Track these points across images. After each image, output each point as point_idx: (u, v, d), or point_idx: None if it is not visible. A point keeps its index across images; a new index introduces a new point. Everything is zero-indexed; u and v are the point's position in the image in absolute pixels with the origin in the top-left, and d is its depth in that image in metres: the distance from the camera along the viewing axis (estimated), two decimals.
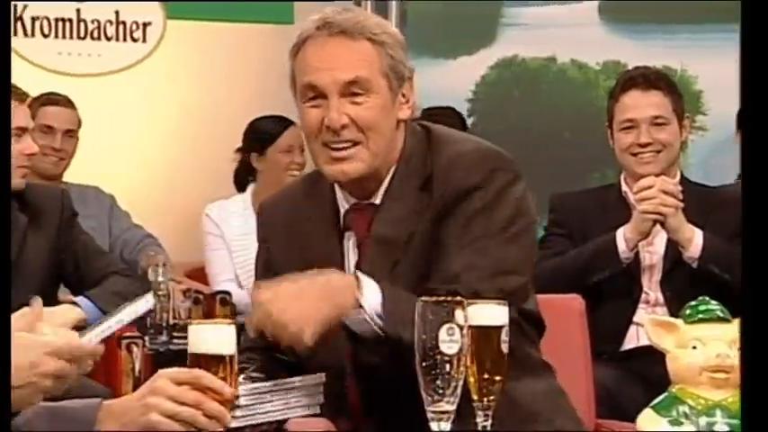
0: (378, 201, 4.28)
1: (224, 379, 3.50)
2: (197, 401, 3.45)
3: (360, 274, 3.98)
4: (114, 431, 3.50)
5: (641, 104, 6.05)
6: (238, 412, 3.94)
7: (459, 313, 3.40)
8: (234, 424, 3.89)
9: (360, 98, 4.13)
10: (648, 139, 5.99)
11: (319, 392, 3.93)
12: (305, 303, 3.87)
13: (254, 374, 4.16)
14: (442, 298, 3.40)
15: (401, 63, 4.16)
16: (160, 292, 6.73)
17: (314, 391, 3.91)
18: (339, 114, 4.11)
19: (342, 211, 4.33)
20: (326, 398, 4.00)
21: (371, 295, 3.92)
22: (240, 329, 5.67)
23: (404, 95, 4.19)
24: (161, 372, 3.56)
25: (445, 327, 3.42)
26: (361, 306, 3.91)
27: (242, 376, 4.06)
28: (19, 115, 5.94)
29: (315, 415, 4.02)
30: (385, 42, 4.14)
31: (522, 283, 4.12)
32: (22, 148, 5.91)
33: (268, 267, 4.46)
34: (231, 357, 3.59)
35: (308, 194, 4.45)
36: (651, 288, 5.99)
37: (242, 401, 3.97)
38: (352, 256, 4.32)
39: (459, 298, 3.41)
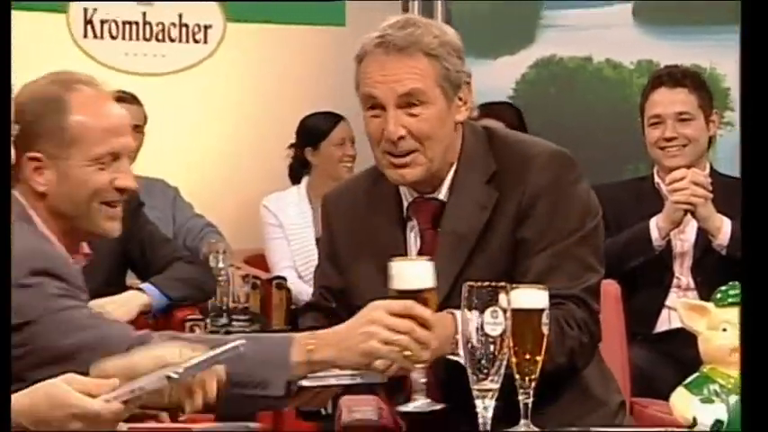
0: (442, 196, 4.27)
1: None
2: (410, 329, 3.59)
3: (453, 311, 3.84)
4: (331, 357, 3.65)
5: (667, 101, 6.08)
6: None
7: (502, 297, 3.43)
8: (306, 383, 3.92)
9: (416, 109, 4.11)
10: (674, 133, 6.02)
11: None
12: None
13: None
14: (486, 283, 3.44)
15: (457, 71, 4.14)
16: (220, 278, 6.76)
17: None
18: (396, 127, 4.10)
19: (405, 203, 4.32)
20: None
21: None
22: (297, 312, 5.69)
23: (461, 99, 4.17)
24: (376, 303, 3.70)
25: (489, 310, 3.44)
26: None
27: None
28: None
29: (374, 385, 4.09)
30: (440, 55, 4.11)
31: (600, 279, 4.18)
32: None
33: (332, 256, 4.46)
34: (431, 290, 3.75)
35: (371, 187, 4.42)
36: (683, 274, 6.00)
37: None
38: (414, 245, 4.31)
39: (502, 283, 3.45)
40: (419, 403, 3.78)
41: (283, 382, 3.62)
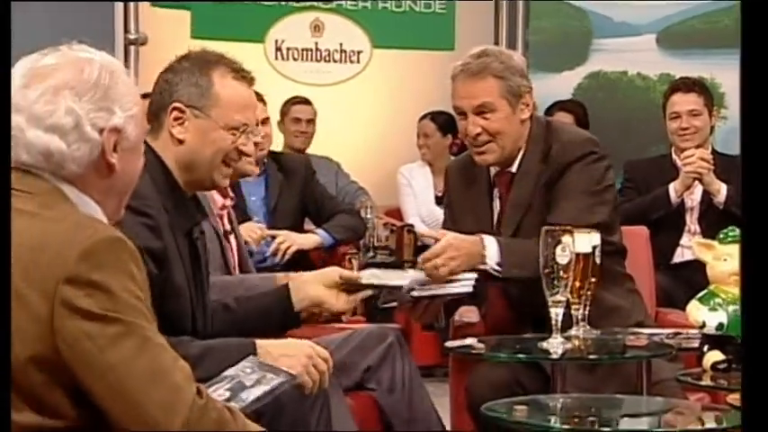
0: (513, 169, 4.34)
1: None
2: None
3: (483, 236, 4.11)
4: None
5: (683, 102, 6.15)
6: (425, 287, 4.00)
7: (567, 237, 3.51)
8: (416, 294, 3.92)
9: (487, 115, 4.24)
10: (687, 125, 6.09)
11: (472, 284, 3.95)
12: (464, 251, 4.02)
13: None
14: (557, 227, 3.57)
15: (518, 86, 4.26)
16: (368, 225, 6.78)
17: (468, 283, 3.91)
18: (474, 127, 4.25)
19: (491, 175, 4.40)
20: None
21: (491, 249, 4.06)
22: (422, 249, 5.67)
23: (524, 103, 4.27)
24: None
25: (559, 246, 3.45)
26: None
27: None
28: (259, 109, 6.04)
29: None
30: (504, 76, 4.25)
31: (609, 216, 4.19)
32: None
33: (450, 212, 4.61)
34: None
35: (472, 163, 4.45)
36: (692, 222, 6.10)
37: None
38: (496, 205, 4.40)
39: (568, 227, 3.58)
40: (468, 342, 3.79)
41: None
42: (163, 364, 2.27)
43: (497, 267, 4.00)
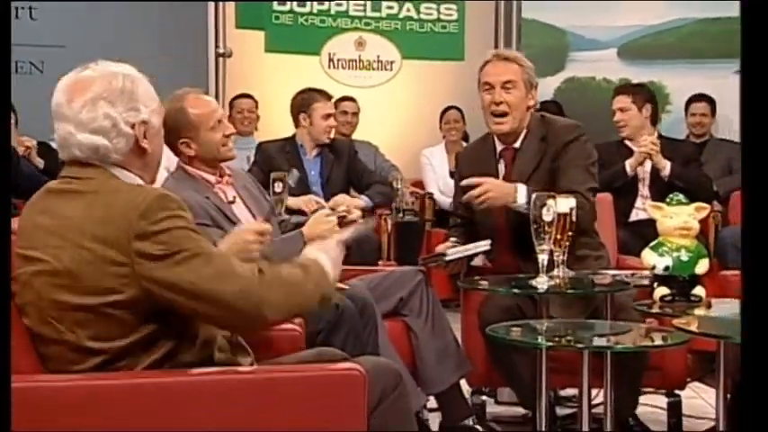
0: (518, 145, 4.29)
1: None
2: None
3: (517, 183, 4.10)
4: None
5: (616, 102, 6.16)
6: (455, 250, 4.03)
7: (551, 200, 3.50)
8: (449, 258, 3.92)
9: (510, 90, 4.21)
10: (618, 118, 6.12)
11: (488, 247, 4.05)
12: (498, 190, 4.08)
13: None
14: (543, 193, 3.58)
15: (532, 77, 4.29)
16: (399, 192, 6.77)
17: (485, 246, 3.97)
18: (499, 97, 4.21)
19: (498, 150, 4.32)
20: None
21: (522, 192, 4.02)
22: (443, 214, 5.60)
23: (531, 94, 4.28)
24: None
25: (544, 207, 3.46)
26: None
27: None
28: (327, 106, 6.07)
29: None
30: (524, 65, 4.27)
31: (596, 186, 4.26)
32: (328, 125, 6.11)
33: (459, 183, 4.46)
34: None
35: (481, 144, 4.46)
36: (644, 189, 5.98)
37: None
38: (500, 175, 4.32)
39: (552, 192, 3.60)
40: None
41: None
42: (226, 266, 2.38)
43: (525, 206, 3.91)
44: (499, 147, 4.35)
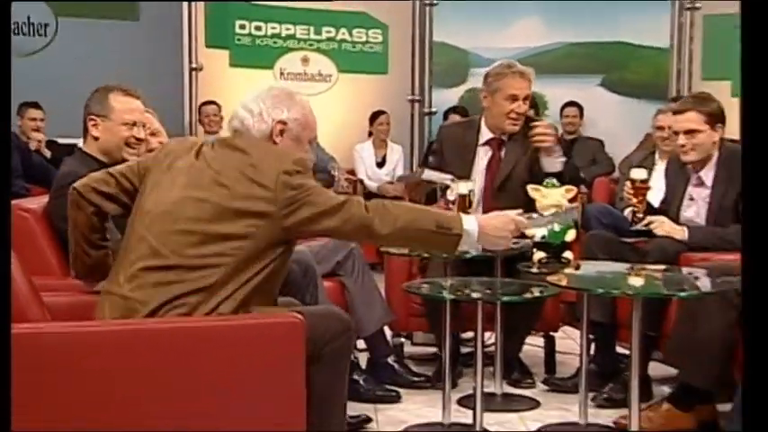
0: (505, 138, 4.23)
1: None
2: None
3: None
4: None
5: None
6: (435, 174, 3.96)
7: (454, 183, 3.46)
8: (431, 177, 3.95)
9: (525, 102, 4.16)
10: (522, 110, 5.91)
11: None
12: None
13: None
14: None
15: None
16: (336, 179, 6.75)
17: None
18: (521, 108, 4.14)
19: (483, 139, 4.24)
20: None
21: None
22: (371, 195, 5.51)
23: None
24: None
25: (449, 189, 3.42)
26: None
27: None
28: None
29: None
30: (531, 82, 4.18)
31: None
32: None
33: (439, 157, 4.35)
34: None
35: (466, 130, 4.34)
36: None
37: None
38: (479, 159, 4.23)
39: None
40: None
41: None
42: (337, 195, 2.48)
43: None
44: (487, 135, 4.26)
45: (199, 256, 2.36)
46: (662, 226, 3.96)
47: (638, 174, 4.03)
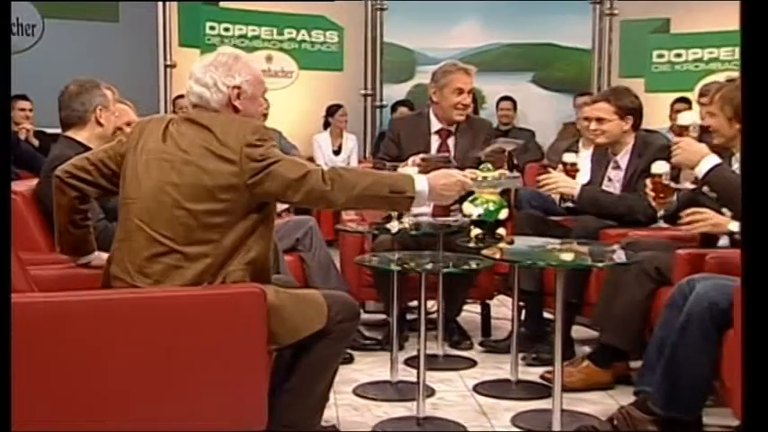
0: (452, 129, 4.24)
1: None
2: None
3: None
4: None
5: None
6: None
7: (406, 167, 3.42)
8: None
9: (469, 94, 4.18)
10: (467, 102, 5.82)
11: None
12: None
13: None
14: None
15: None
16: None
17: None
18: (466, 99, 4.17)
19: (433, 128, 4.24)
20: None
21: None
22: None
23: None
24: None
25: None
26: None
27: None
28: None
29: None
30: (473, 78, 4.21)
31: None
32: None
33: (395, 145, 4.30)
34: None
35: (417, 118, 4.35)
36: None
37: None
38: (435, 146, 4.24)
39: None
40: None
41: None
42: (298, 162, 2.44)
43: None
44: (436, 126, 4.27)
45: (194, 239, 2.34)
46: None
47: (569, 158, 4.12)
